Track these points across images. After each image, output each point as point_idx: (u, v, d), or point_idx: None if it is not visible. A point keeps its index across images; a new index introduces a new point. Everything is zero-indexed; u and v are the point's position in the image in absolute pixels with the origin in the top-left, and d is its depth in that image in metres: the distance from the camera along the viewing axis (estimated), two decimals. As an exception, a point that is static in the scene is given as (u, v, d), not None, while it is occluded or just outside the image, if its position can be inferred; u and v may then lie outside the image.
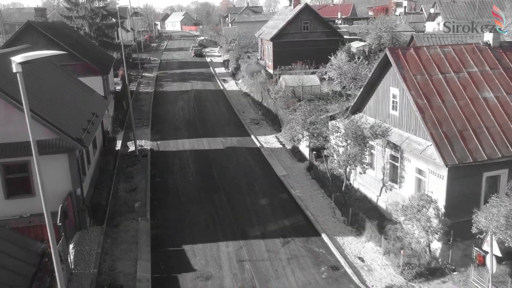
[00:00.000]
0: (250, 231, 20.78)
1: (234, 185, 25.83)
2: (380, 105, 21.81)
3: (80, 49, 37.82)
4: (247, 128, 36.56)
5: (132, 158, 30.44)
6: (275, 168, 28.14)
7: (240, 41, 78.52)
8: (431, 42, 53.45)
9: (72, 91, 26.85)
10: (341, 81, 41.91)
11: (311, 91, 40.38)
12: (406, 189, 20.10)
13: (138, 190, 25.51)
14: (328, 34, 50.62)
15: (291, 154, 30.43)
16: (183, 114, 41.42)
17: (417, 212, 16.61)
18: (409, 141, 19.41)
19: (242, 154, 30.68)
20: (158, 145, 32.99)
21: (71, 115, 22.60)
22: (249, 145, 32.72)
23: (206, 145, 32.70)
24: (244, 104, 44.55)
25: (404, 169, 20.15)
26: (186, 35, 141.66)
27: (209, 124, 37.97)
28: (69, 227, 19.80)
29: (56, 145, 19.90)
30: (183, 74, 62.05)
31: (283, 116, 34.09)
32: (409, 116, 19.66)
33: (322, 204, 23.23)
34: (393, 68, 19.98)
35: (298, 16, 49.63)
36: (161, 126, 37.79)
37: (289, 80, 40.60)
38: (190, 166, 28.89)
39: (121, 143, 32.94)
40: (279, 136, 34.25)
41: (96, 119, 24.76)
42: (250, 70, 50.26)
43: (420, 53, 20.24)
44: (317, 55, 48.82)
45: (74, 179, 20.54)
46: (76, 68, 34.24)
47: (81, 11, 54.50)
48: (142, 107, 44.17)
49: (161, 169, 28.56)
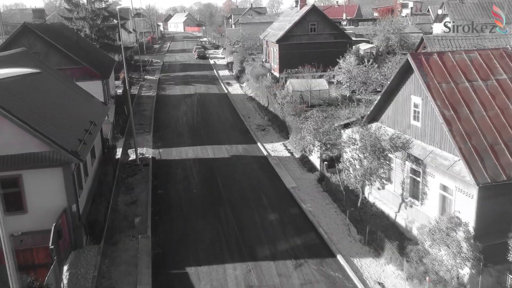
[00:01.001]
0: (259, 251, 19.20)
1: (240, 197, 24.27)
2: (400, 114, 20.21)
3: (80, 52, 36.38)
4: (253, 135, 35.01)
5: (132, 168, 28.93)
6: (283, 179, 26.57)
7: (244, 43, 77.03)
8: (441, 44, 51.87)
9: (69, 98, 25.35)
10: (350, 85, 40.36)
11: (319, 96, 38.80)
12: (428, 207, 18.51)
13: (139, 203, 23.99)
14: (335, 36, 49.06)
15: (300, 163, 28.85)
16: (186, 119, 39.90)
17: (446, 236, 15.00)
18: (434, 155, 17.81)
19: (248, 163, 29.12)
20: (160, 153, 31.47)
21: (67, 125, 21.10)
22: (256, 153, 31.15)
23: (211, 153, 31.16)
24: (249, 108, 43.01)
25: (426, 185, 18.54)
26: (189, 36, 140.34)
27: (213, 130, 36.43)
28: (63, 247, 18.28)
29: (50, 158, 18.41)
30: (186, 77, 60.55)
31: (291, 122, 32.54)
32: (433, 128, 18.05)
33: (335, 220, 21.64)
34: (415, 75, 18.41)
35: (305, 18, 48.07)
36: (164, 132, 36.27)
37: (297, 84, 39.04)
38: (193, 176, 27.35)
39: (121, 151, 31.45)
40: (287, 143, 32.68)
41: (94, 128, 23.27)
42: (255, 73, 48.72)
43: (445, 59, 18.64)
44: (324, 57, 47.23)
45: (70, 194, 19.05)
46: (74, 72, 32.82)
47: (82, 12, 53.08)
48: (143, 111, 42.67)
49: (163, 179, 27.03)
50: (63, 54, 32.33)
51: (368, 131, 19.35)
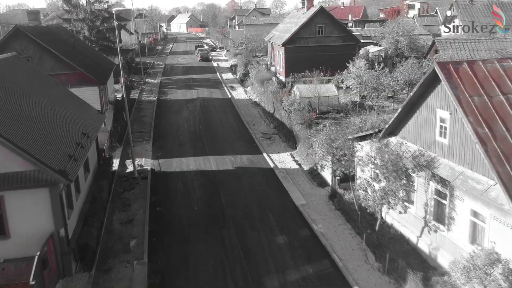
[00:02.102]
0: (267, 281, 17.27)
1: (245, 216, 22.35)
2: (423, 129, 18.24)
3: (76, 56, 34.56)
4: (258, 144, 33.09)
5: (130, 181, 27.07)
6: (292, 194, 24.64)
7: (248, 45, 75.16)
8: (454, 47, 49.86)
9: (61, 107, 23.48)
10: (360, 91, 38.39)
11: (328, 102, 36.82)
12: (456, 233, 16.55)
13: (135, 222, 22.12)
14: (344, 39, 47.06)
15: (309, 177, 26.91)
16: (188, 126, 38.02)
17: (483, 274, 13.04)
18: (464, 177, 15.83)
19: (253, 177, 27.21)
20: (160, 165, 29.59)
21: (56, 139, 19.23)
22: (261, 165, 29.24)
23: (214, 164, 29.25)
24: (254, 115, 41.10)
25: (454, 209, 16.58)
26: (192, 37, 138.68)
27: (216, 139, 34.53)
28: (48, 277, 16.41)
29: (35, 178, 16.55)
30: (188, 80, 58.72)
31: (299, 132, 30.61)
32: (464, 146, 16.08)
33: (350, 244, 19.69)
34: (443, 87, 16.45)
35: (312, 20, 46.08)
36: (164, 141, 34.39)
37: (304, 90, 37.07)
38: (195, 191, 25.46)
39: (118, 162, 29.59)
40: (294, 154, 30.75)
41: (87, 141, 21.41)
42: (260, 78, 46.82)
43: (476, 69, 16.67)
44: (332, 61, 45.30)
45: (57, 217, 17.18)
46: (70, 78, 30.99)
47: (81, 14, 51.32)
48: (143, 117, 40.83)
49: (162, 194, 25.16)
50: (57, 58, 30.50)
51: (388, 148, 17.39)
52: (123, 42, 71.85)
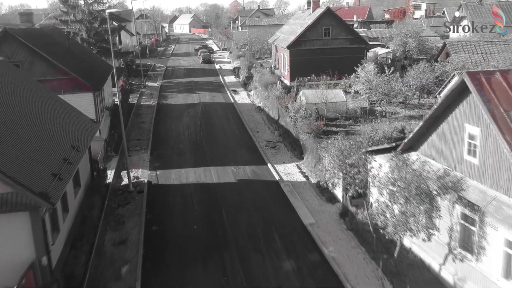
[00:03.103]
0: (273, 317, 15.43)
1: (249, 237, 20.48)
2: (448, 146, 16.34)
3: (71, 60, 32.78)
4: (262, 154, 31.22)
5: (125, 195, 25.25)
6: (299, 211, 22.76)
7: (251, 46, 73.37)
8: (466, 50, 47.79)
9: (50, 117, 21.68)
10: (370, 96, 36.51)
11: (336, 108, 34.93)
12: (487, 265, 14.64)
13: (129, 243, 20.28)
14: (351, 41, 45.13)
15: (318, 191, 25.03)
16: (189, 133, 36.18)
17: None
18: (499, 203, 13.92)
19: (257, 191, 25.34)
20: (158, 176, 27.75)
21: (41, 155, 17.43)
22: (266, 177, 27.37)
23: (215, 176, 27.40)
24: (257, 121, 39.24)
25: (485, 238, 14.66)
26: (194, 38, 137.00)
27: (218, 147, 32.67)
28: (27, 314, 14.61)
29: (12, 202, 14.75)
30: (190, 83, 56.89)
31: (306, 142, 28.73)
32: (497, 168, 14.17)
33: (365, 271, 17.80)
34: (473, 99, 14.55)
35: (319, 21, 44.18)
36: (163, 149, 32.54)
37: (311, 96, 35.17)
38: (194, 207, 23.61)
39: (113, 174, 27.79)
40: (301, 165, 28.86)
41: (76, 156, 19.59)
42: (264, 81, 44.95)
43: (510, 80, 14.76)
44: (339, 64, 43.45)
45: (39, 244, 15.40)
46: (62, 83, 29.22)
47: (79, 15, 49.58)
48: (142, 124, 39.01)
49: (158, 211, 23.32)
50: (49, 63, 28.73)
51: (410, 167, 15.47)
52: (123, 43, 70.14)
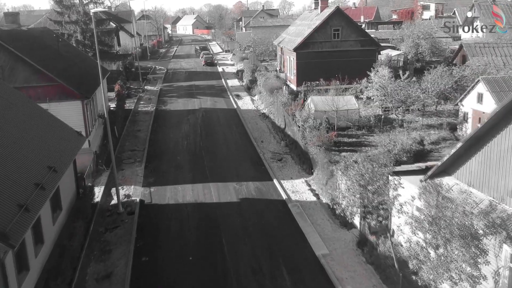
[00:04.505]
0: None
1: (253, 273, 17.67)
2: (494, 172, 13.51)
3: (59, 65, 30.20)
4: (267, 167, 28.43)
5: (114, 217, 22.53)
6: (310, 239, 19.95)
7: (255, 48, 70.60)
8: (484, 52, 44.78)
9: (24, 133, 18.95)
10: (383, 104, 33.69)
11: (347, 117, 32.15)
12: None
13: (114, 278, 17.57)
14: (362, 43, 42.26)
15: (330, 213, 22.20)
16: (187, 143, 33.42)
17: None
18: None
19: (262, 213, 22.53)
20: (151, 194, 25.01)
21: (6, 181, 14.71)
22: (272, 195, 24.58)
23: (215, 195, 24.63)
24: (262, 129, 36.45)
25: (544, 289, 11.84)
26: (197, 39, 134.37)
27: (219, 160, 29.90)
28: None
29: (-39, 244, 12.07)
30: (191, 87, 54.15)
31: (316, 155, 25.91)
32: None
33: (390, 318, 14.99)
34: (531, 119, 11.74)
35: (327, 22, 41.34)
36: (159, 162, 29.79)
37: (320, 103, 32.38)
38: (191, 233, 20.84)
39: (103, 191, 25.10)
40: (310, 181, 26.06)
41: (52, 178, 16.90)
42: (269, 86, 42.16)
43: None
44: (349, 68, 40.63)
45: (-4, 294, 12.72)
46: (48, 90, 26.64)
47: (73, 15, 47.03)
48: (138, 132, 36.29)
49: (150, 237, 20.57)
50: (33, 68, 26.10)
51: (451, 203, 12.63)
52: (122, 45, 67.59)
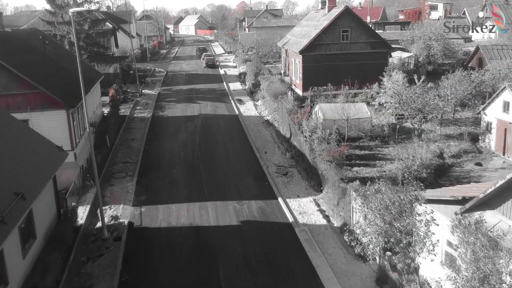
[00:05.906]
0: None
1: (255, 316, 15.07)
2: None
3: (44, 69, 27.65)
4: (271, 182, 25.79)
5: (98, 243, 19.92)
6: (321, 273, 17.29)
7: (258, 50, 67.94)
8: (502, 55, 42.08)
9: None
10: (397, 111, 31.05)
11: (359, 126, 29.48)
12: None
13: (93, 324, 14.96)
14: (373, 45, 39.55)
15: (343, 239, 19.52)
16: (184, 155, 30.79)
17: None
18: None
19: (266, 240, 19.88)
20: (142, 215, 22.39)
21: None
22: (276, 217, 21.93)
23: (212, 216, 21.99)
24: (266, 138, 33.80)
25: None
26: (200, 39, 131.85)
27: (218, 174, 27.25)
28: None
29: None
30: (191, 91, 51.52)
31: (326, 172, 23.24)
32: None
33: None
34: None
35: (336, 23, 38.64)
36: (152, 176, 27.17)
37: (329, 111, 29.72)
38: (185, 265, 18.21)
39: (88, 210, 22.50)
40: (319, 199, 23.42)
41: (19, 206, 14.32)
42: (273, 91, 39.54)
43: None
44: (359, 72, 37.96)
45: None
46: (29, 98, 24.10)
47: (67, 16, 44.44)
48: (132, 142, 33.67)
49: (137, 270, 17.94)
50: (12, 74, 23.53)
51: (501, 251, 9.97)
52: (120, 47, 65.05)
